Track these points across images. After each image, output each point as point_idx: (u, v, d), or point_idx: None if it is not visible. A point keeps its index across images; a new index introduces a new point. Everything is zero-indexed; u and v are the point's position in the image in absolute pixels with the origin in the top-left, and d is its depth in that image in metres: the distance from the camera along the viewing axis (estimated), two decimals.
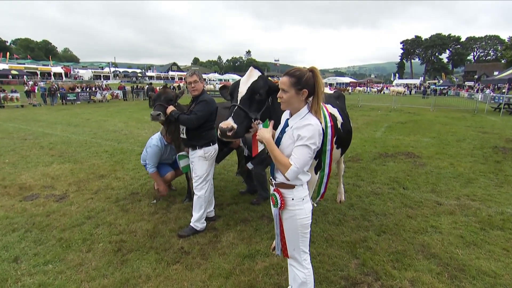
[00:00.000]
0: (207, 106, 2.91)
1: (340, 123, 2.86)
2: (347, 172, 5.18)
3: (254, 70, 2.01)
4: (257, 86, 1.94)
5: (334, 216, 3.53)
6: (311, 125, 1.56)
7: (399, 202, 3.91)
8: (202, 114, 2.89)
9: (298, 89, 1.61)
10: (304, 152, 1.55)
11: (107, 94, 24.16)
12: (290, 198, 1.69)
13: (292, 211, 1.70)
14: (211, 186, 3.17)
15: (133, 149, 7.00)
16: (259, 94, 1.93)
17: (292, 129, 1.63)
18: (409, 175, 5.00)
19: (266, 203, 3.94)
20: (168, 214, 3.62)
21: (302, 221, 1.70)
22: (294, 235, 1.74)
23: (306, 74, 1.61)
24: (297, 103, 1.64)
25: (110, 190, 4.36)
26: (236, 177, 5.08)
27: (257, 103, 1.94)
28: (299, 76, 1.60)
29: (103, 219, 3.44)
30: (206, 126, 2.98)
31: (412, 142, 7.71)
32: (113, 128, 10.13)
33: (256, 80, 1.95)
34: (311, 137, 1.55)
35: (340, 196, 3.98)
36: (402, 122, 11.71)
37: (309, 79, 1.61)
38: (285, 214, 1.74)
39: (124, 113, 14.77)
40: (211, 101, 2.96)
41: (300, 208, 1.69)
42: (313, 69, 1.64)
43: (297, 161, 1.57)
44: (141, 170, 5.17)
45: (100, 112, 15.21)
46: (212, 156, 3.05)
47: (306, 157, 1.56)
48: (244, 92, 1.91)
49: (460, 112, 15.84)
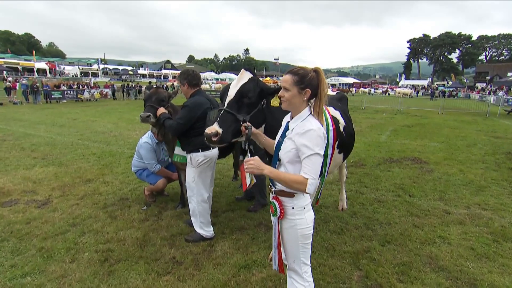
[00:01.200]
0: (189, 113, 2.86)
1: (343, 126, 2.89)
2: (349, 178, 5.21)
3: (245, 72, 2.04)
4: (246, 89, 1.96)
5: (336, 225, 3.55)
6: (313, 130, 1.57)
7: (405, 211, 3.94)
8: (182, 122, 2.86)
9: (300, 88, 1.62)
10: (315, 160, 1.57)
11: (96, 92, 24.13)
12: (290, 207, 1.70)
13: (292, 220, 1.71)
14: (203, 195, 3.09)
15: (123, 151, 6.99)
16: (248, 97, 1.95)
17: (293, 133, 1.64)
18: (416, 182, 5.04)
19: (263, 210, 3.95)
20: (159, 221, 3.62)
21: (303, 231, 1.70)
22: (294, 246, 1.74)
23: (310, 74, 1.63)
24: (299, 103, 1.65)
25: (98, 196, 4.35)
26: (232, 183, 5.08)
27: (246, 106, 1.96)
28: (303, 74, 1.62)
29: (89, 227, 3.42)
30: (193, 132, 2.96)
31: (419, 147, 7.76)
32: (102, 129, 10.10)
33: (245, 83, 1.98)
34: (317, 143, 1.56)
35: (342, 203, 4.00)
36: (408, 125, 11.80)
37: (312, 79, 1.63)
38: (285, 223, 1.74)
39: (114, 113, 14.74)
40: (195, 106, 2.89)
41: (301, 217, 1.69)
42: (317, 69, 1.66)
43: (311, 172, 1.57)
44: (132, 174, 5.16)
45: (87, 112, 15.16)
46: (201, 164, 3.00)
47: (318, 165, 1.58)
48: (233, 96, 1.93)
49: (471, 115, 15.96)
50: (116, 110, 16.18)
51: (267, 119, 2.12)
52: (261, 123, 2.10)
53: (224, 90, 2.03)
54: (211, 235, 3.20)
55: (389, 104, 21.26)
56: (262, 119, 2.10)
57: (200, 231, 3.15)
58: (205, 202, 3.12)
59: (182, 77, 2.96)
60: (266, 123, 2.14)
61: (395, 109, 18.83)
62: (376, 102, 22.98)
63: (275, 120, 2.13)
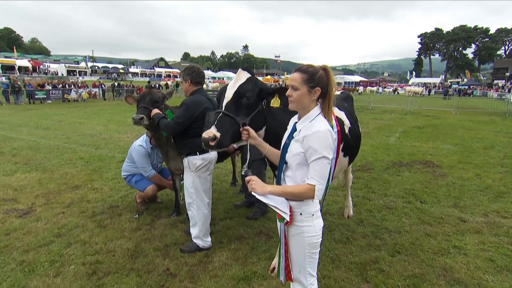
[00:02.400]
0: (187, 111, 2.89)
1: (348, 128, 2.91)
2: (356, 183, 5.22)
3: (242, 72, 2.06)
4: (243, 89, 1.98)
5: (341, 233, 3.55)
6: (320, 132, 1.59)
7: (416, 218, 3.95)
8: (180, 121, 2.89)
9: (310, 86, 1.64)
10: (323, 164, 1.58)
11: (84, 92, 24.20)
12: (298, 213, 1.71)
13: (299, 227, 1.71)
14: (203, 201, 3.13)
15: (113, 155, 7.01)
16: (246, 98, 1.97)
17: (300, 135, 1.66)
18: (427, 187, 5.05)
19: (264, 217, 3.96)
20: (152, 230, 3.62)
21: (311, 240, 1.71)
22: (301, 255, 1.74)
23: (320, 72, 1.66)
24: (308, 103, 1.67)
25: (86, 203, 4.35)
26: (231, 188, 5.09)
27: (245, 108, 1.98)
28: (312, 72, 1.65)
29: (76, 237, 3.42)
30: (190, 133, 2.98)
31: (431, 150, 7.78)
32: (90, 131, 10.13)
33: (243, 83, 2.00)
34: (325, 146, 1.58)
35: (348, 210, 4.01)
36: (419, 126, 11.83)
37: (322, 77, 1.65)
38: (291, 230, 1.75)
39: (104, 115, 14.77)
40: (193, 104, 2.92)
41: (309, 224, 1.70)
42: (325, 67, 1.69)
43: (318, 176, 1.58)
44: (123, 180, 5.16)
45: (75, 113, 15.20)
46: (199, 168, 3.02)
47: (326, 169, 1.60)
48: (230, 97, 1.95)
49: (488, 115, 15.98)
50: (105, 111, 16.21)
51: (267, 121, 2.14)
52: (262, 126, 2.12)
53: (222, 91, 2.06)
54: (208, 245, 3.20)
55: (398, 103, 21.30)
56: (263, 121, 2.11)
57: (197, 241, 3.16)
58: (206, 208, 3.13)
59: (186, 73, 3.00)
60: (267, 126, 2.15)
61: (405, 109, 18.87)
62: (384, 101, 23.08)
63: (276, 122, 2.15)
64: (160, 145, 3.69)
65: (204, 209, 3.12)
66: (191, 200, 3.11)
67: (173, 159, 3.61)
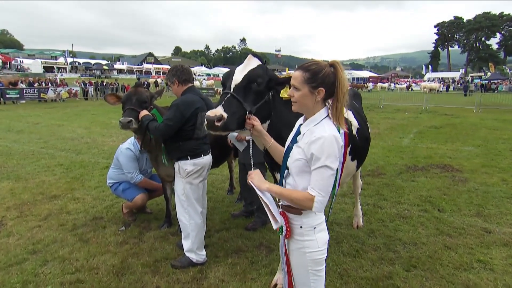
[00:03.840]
0: (178, 113, 2.91)
1: (356, 128, 2.94)
2: (366, 190, 5.24)
3: (252, 58, 2.11)
4: (255, 74, 2.02)
5: (350, 246, 3.56)
6: (324, 138, 1.57)
7: (434, 228, 3.96)
8: (171, 123, 2.91)
9: (312, 87, 1.63)
10: (325, 174, 1.57)
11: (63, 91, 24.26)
12: (298, 226, 1.71)
13: (300, 241, 1.71)
14: (196, 210, 3.15)
15: (96, 161, 7.02)
16: (256, 83, 2.01)
17: (303, 140, 1.66)
18: (446, 194, 5.07)
19: (264, 228, 3.97)
20: (140, 244, 3.63)
21: (313, 256, 1.70)
22: (303, 272, 1.74)
23: (325, 69, 1.63)
24: (311, 104, 1.66)
25: (65, 215, 4.35)
26: (228, 196, 5.11)
27: (254, 94, 2.02)
28: (315, 71, 1.63)
29: (53, 254, 3.41)
30: (182, 135, 3.00)
31: (450, 152, 7.82)
32: (71, 135, 10.14)
33: (254, 68, 2.05)
34: (329, 154, 1.56)
35: (357, 220, 4.02)
36: (436, 126, 11.89)
37: (327, 76, 1.63)
38: (292, 244, 1.75)
39: (86, 116, 14.81)
40: (184, 105, 2.94)
41: (310, 239, 1.69)
42: (334, 63, 1.67)
43: (319, 187, 1.57)
44: (108, 189, 5.17)
45: (53, 115, 15.23)
46: (191, 174, 3.04)
47: (329, 180, 1.58)
48: (240, 80, 1.99)
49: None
50: (88, 112, 16.25)
51: (272, 116, 2.17)
52: (266, 118, 2.15)
53: (228, 75, 2.08)
54: (202, 260, 3.21)
55: (412, 101, 21.37)
56: (268, 114, 2.15)
57: (190, 255, 3.17)
58: (199, 218, 3.15)
59: (170, 74, 3.04)
60: (271, 121, 2.18)
61: (420, 107, 18.93)
62: (397, 99, 23.11)
63: (280, 118, 2.18)
64: (149, 149, 3.71)
65: (197, 218, 3.13)
66: (183, 209, 3.12)
67: (163, 165, 3.63)
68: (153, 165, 3.89)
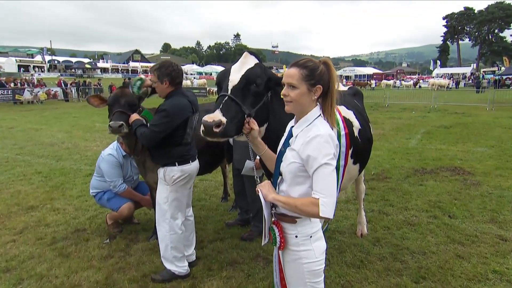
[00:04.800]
0: (166, 119, 2.88)
1: (358, 129, 2.96)
2: (370, 195, 5.27)
3: (249, 56, 2.12)
4: (253, 74, 2.03)
5: (354, 255, 3.57)
6: (319, 136, 1.60)
7: (444, 236, 3.98)
8: (158, 130, 2.88)
9: (310, 84, 1.66)
10: (325, 172, 1.58)
11: (41, 92, 24.15)
12: (293, 235, 1.73)
13: (295, 252, 1.72)
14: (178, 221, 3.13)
15: (79, 168, 6.99)
16: (255, 85, 2.02)
17: (296, 142, 1.69)
18: (457, 199, 5.10)
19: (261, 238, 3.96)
20: (127, 257, 3.62)
21: (310, 267, 1.72)
22: (301, 285, 1.75)
23: (320, 67, 1.68)
24: (308, 103, 1.69)
25: (44, 228, 4.32)
26: (221, 204, 5.11)
27: (252, 96, 2.03)
28: (313, 67, 1.67)
29: (30, 271, 3.37)
30: (171, 142, 2.99)
31: (461, 153, 7.87)
32: (50, 139, 10.10)
33: (252, 67, 2.06)
34: (326, 152, 1.58)
35: (361, 227, 4.04)
36: (446, 126, 11.98)
37: (324, 73, 1.67)
38: (286, 255, 1.76)
39: (66, 119, 14.75)
40: (175, 112, 2.89)
41: (306, 248, 1.71)
42: (326, 61, 1.72)
43: (322, 189, 1.58)
44: (91, 198, 5.15)
45: (30, 118, 15.15)
46: (177, 181, 3.03)
47: (331, 177, 1.59)
48: (237, 81, 2.00)
49: None
50: (69, 115, 16.19)
51: (270, 118, 2.18)
52: (264, 121, 2.17)
53: (223, 75, 2.08)
54: (185, 271, 3.20)
55: (419, 99, 21.53)
56: (266, 116, 2.16)
57: (171, 267, 3.15)
58: (179, 228, 3.15)
59: (162, 72, 2.92)
60: (269, 124, 2.20)
61: (428, 105, 19.07)
62: (402, 97, 23.27)
63: (279, 121, 2.20)
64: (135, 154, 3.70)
65: (177, 229, 3.13)
66: (163, 219, 3.12)
67: (152, 171, 3.62)
68: (140, 171, 3.87)
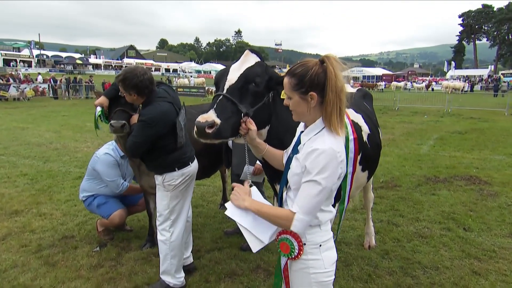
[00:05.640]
0: (148, 129, 2.81)
1: (367, 135, 2.97)
2: (378, 204, 5.26)
3: (250, 54, 2.13)
4: (252, 73, 2.04)
5: (361, 269, 3.56)
6: (319, 150, 1.59)
7: (459, 250, 3.96)
8: (139, 141, 2.85)
9: (301, 92, 1.65)
10: (312, 191, 1.58)
11: (28, 88, 24.20)
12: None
13: (303, 261, 1.72)
14: (181, 228, 3.15)
15: (67, 170, 6.99)
16: (254, 84, 2.03)
17: (302, 151, 1.68)
18: (473, 210, 5.09)
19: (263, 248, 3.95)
20: (118, 267, 3.61)
21: (318, 278, 1.72)
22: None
23: (312, 69, 1.64)
24: (307, 112, 1.69)
25: (29, 234, 4.31)
26: (220, 211, 5.10)
27: (251, 96, 2.03)
28: (301, 74, 1.64)
29: (12, 281, 3.36)
30: (164, 151, 2.97)
31: (477, 161, 7.86)
32: (37, 139, 10.10)
33: (252, 66, 2.07)
34: (322, 169, 1.56)
35: (369, 239, 4.03)
36: (460, 131, 11.98)
37: (315, 76, 1.63)
38: (294, 264, 1.76)
39: (55, 118, 14.77)
40: (154, 120, 2.82)
41: (315, 258, 1.71)
42: (324, 58, 1.68)
43: (301, 204, 1.60)
44: (80, 203, 5.15)
45: (15, 116, 15.16)
46: (178, 186, 3.04)
47: (316, 198, 1.59)
48: (235, 80, 2.01)
49: None
50: (58, 114, 16.21)
51: (272, 120, 2.19)
52: (266, 123, 2.17)
53: (221, 74, 2.09)
54: (181, 283, 3.19)
55: (432, 102, 21.56)
56: (267, 118, 2.16)
57: (167, 278, 3.15)
58: (181, 236, 3.15)
59: (127, 85, 2.84)
60: (271, 126, 2.20)
61: (441, 109, 19.12)
62: (414, 100, 23.31)
63: (281, 123, 2.20)
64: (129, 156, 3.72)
65: (179, 238, 3.13)
66: (163, 226, 3.11)
67: (147, 175, 3.64)
68: (135, 174, 3.89)
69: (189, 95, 27.76)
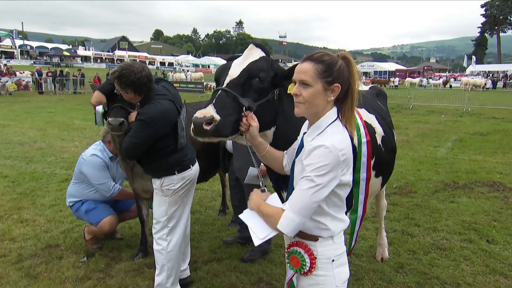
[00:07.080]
0: (147, 129, 2.84)
1: (381, 137, 2.95)
2: (392, 212, 5.24)
3: (254, 48, 2.13)
4: (256, 68, 2.03)
5: (374, 284, 3.55)
6: (323, 147, 1.57)
7: (482, 265, 3.93)
8: (137, 141, 2.86)
9: (327, 82, 1.63)
10: (304, 187, 1.57)
11: (9, 82, 24.28)
12: None
13: (314, 277, 1.71)
14: (179, 237, 3.15)
15: (53, 172, 6.99)
16: (258, 79, 2.02)
17: (304, 152, 1.66)
18: (497, 220, 5.06)
19: (265, 259, 3.95)
20: (107, 279, 3.60)
21: None
22: None
23: (339, 62, 1.65)
24: (322, 105, 1.67)
25: (8, 243, 4.30)
26: (219, 218, 5.10)
27: (254, 92, 2.03)
28: (330, 62, 1.64)
29: None
30: (164, 152, 2.97)
31: (500, 166, 7.83)
32: (20, 138, 10.12)
33: (256, 60, 2.06)
34: (319, 166, 1.55)
35: (382, 250, 4.02)
36: (481, 133, 11.95)
37: (343, 69, 1.65)
38: (302, 280, 1.75)
39: (40, 114, 14.78)
40: (154, 119, 2.82)
41: (326, 274, 1.70)
42: (345, 55, 1.69)
43: (292, 203, 1.61)
44: (66, 208, 5.14)
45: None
46: (178, 191, 3.03)
47: (307, 197, 1.57)
48: (237, 75, 2.00)
49: None
50: (43, 110, 16.22)
51: (278, 121, 2.17)
52: (271, 123, 2.15)
53: (223, 69, 2.09)
54: None
55: (450, 101, 21.49)
56: (272, 118, 2.14)
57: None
58: (179, 245, 3.14)
59: (124, 83, 2.82)
60: (278, 128, 2.18)
61: (460, 108, 19.06)
62: (430, 98, 23.28)
63: (289, 124, 2.17)
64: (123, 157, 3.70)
65: (177, 247, 3.12)
66: (160, 234, 3.10)
67: (141, 178, 3.63)
68: (127, 176, 3.88)
69: (186, 91, 27.51)
